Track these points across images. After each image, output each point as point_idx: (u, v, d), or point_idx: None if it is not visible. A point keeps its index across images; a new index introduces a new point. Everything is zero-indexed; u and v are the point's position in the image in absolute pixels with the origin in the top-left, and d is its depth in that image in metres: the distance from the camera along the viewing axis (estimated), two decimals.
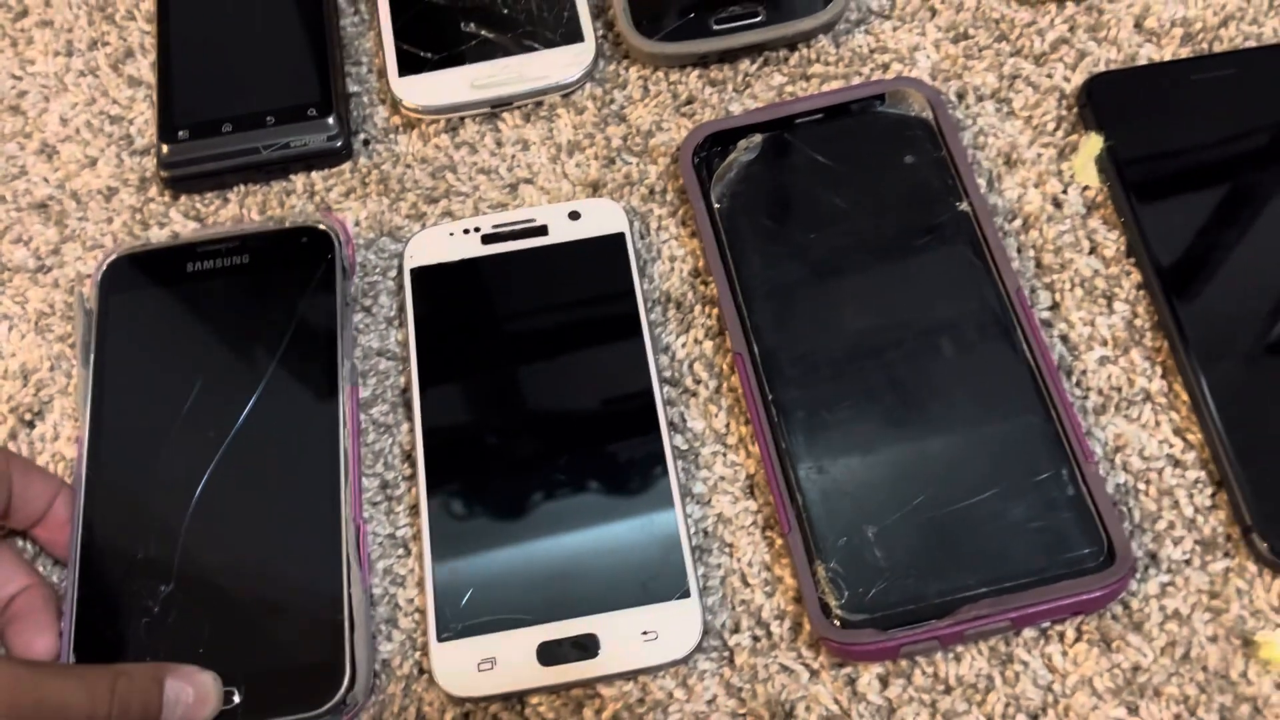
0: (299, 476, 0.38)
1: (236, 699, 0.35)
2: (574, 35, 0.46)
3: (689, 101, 0.45)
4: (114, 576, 0.37)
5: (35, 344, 0.43)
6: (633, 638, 0.35)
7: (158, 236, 0.44)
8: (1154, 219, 0.40)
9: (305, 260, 0.42)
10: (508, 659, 0.35)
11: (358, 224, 0.44)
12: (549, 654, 0.35)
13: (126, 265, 0.42)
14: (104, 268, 0.42)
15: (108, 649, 0.36)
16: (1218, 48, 0.44)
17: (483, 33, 0.46)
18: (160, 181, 0.45)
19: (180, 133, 0.45)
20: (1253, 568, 0.35)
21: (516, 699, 0.35)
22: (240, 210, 0.45)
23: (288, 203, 0.45)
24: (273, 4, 0.47)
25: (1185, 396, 0.38)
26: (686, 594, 0.35)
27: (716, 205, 0.42)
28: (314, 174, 0.45)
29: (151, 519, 0.37)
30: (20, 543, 0.39)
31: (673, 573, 0.36)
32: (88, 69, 0.48)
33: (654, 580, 0.36)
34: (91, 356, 0.40)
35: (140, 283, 0.42)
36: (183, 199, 0.45)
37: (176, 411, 0.39)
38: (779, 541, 0.37)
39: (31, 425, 0.41)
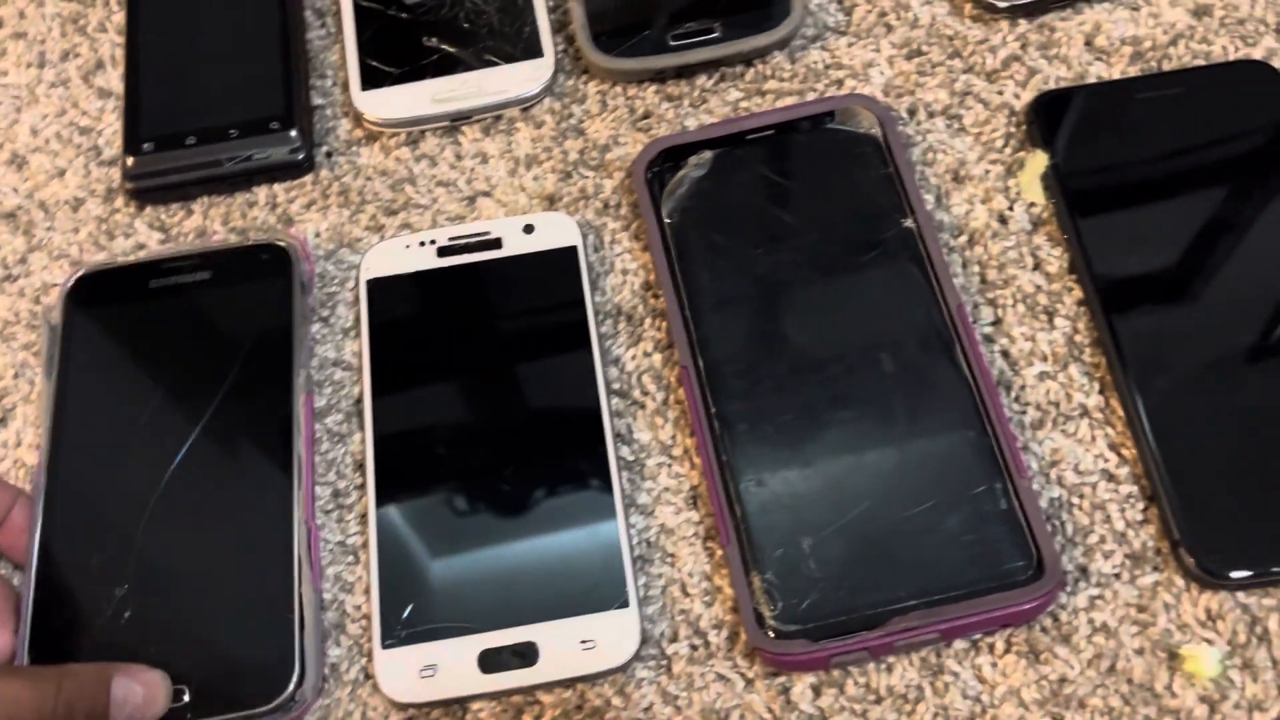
0: (253, 481, 0.39)
1: (186, 697, 0.35)
2: (534, 50, 0.47)
3: (645, 116, 0.46)
4: (70, 579, 0.38)
5: (0, 352, 0.44)
6: (572, 646, 0.36)
7: (123, 247, 0.45)
8: (1095, 236, 0.41)
9: (265, 275, 0.43)
10: (449, 666, 0.36)
11: (318, 235, 0.45)
12: (490, 662, 0.36)
13: (91, 281, 0.43)
14: (70, 284, 0.43)
15: (63, 650, 0.37)
16: (1166, 66, 0.44)
17: (444, 47, 0.47)
18: (125, 193, 0.46)
19: (145, 145, 0.45)
20: (1180, 582, 0.36)
21: (458, 705, 0.36)
22: (204, 221, 0.46)
23: (250, 214, 0.45)
24: (239, 19, 0.48)
25: (1121, 412, 0.38)
26: (625, 604, 0.36)
27: (668, 220, 0.42)
28: (276, 186, 0.46)
29: (108, 524, 0.38)
30: None
31: (613, 583, 0.37)
32: (59, 80, 0.49)
33: (594, 590, 0.37)
34: (55, 369, 0.41)
35: (104, 298, 0.43)
36: (148, 210, 0.46)
37: (136, 421, 0.40)
38: (719, 552, 0.38)
39: None
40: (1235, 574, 0.35)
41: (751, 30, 0.46)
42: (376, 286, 0.42)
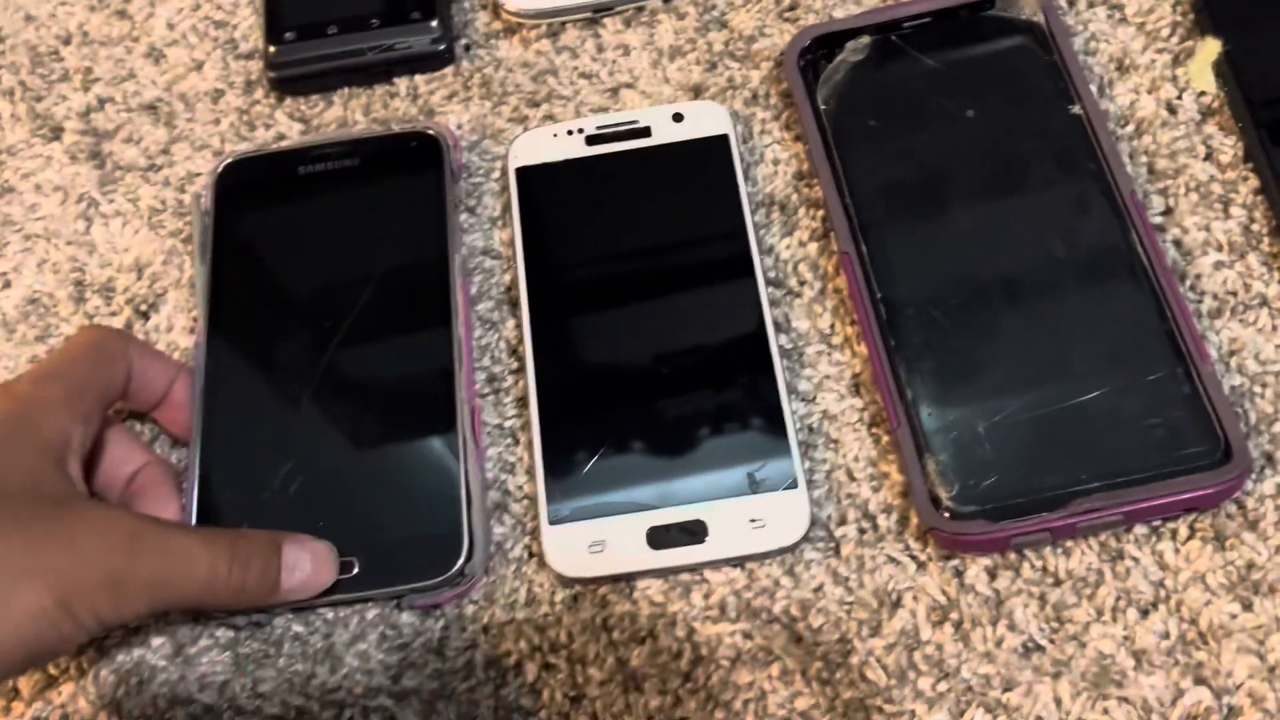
0: (415, 361, 0.39)
1: (356, 569, 0.35)
2: None
3: (792, 7, 0.45)
4: (234, 454, 0.38)
5: (148, 239, 0.44)
6: (741, 525, 0.35)
7: (264, 138, 0.45)
8: (1273, 124, 0.39)
9: (414, 163, 0.42)
10: (618, 542, 0.35)
11: (459, 127, 0.44)
12: (658, 538, 0.35)
13: (241, 167, 0.43)
14: (220, 169, 0.43)
15: (228, 523, 0.37)
16: None
17: None
18: (267, 82, 0.45)
19: (287, 34, 0.45)
20: None
21: (625, 581, 0.36)
22: (344, 113, 0.45)
23: (391, 105, 0.45)
24: None
25: None
26: (794, 485, 0.36)
27: (823, 107, 0.41)
28: (417, 77, 0.45)
29: (270, 402, 0.38)
30: (138, 426, 0.40)
31: (780, 465, 0.36)
32: None
33: (762, 472, 0.36)
34: (208, 253, 0.41)
35: (254, 184, 0.43)
36: (288, 101, 0.46)
37: (291, 303, 0.40)
38: (885, 439, 0.37)
39: (146, 316, 0.42)
40: None
41: None
42: (526, 174, 0.42)
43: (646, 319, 0.39)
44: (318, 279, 0.40)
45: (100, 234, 0.44)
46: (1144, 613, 0.34)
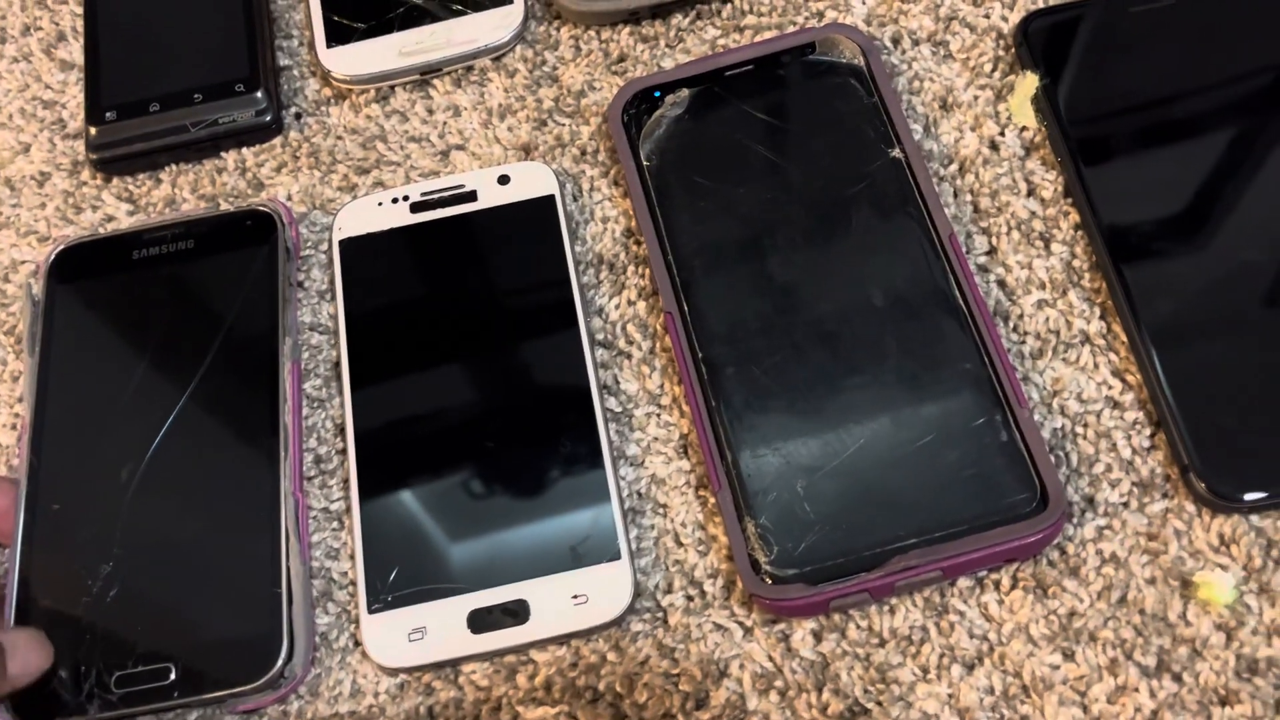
0: (239, 452, 0.38)
1: (173, 675, 0.34)
2: None
3: (621, 59, 0.45)
4: (55, 558, 0.37)
5: None
6: (563, 602, 0.35)
7: (91, 220, 0.44)
8: (1091, 158, 0.39)
9: (249, 243, 0.41)
10: (439, 628, 0.35)
11: (290, 198, 0.44)
12: (479, 621, 0.35)
13: (73, 254, 0.42)
14: (51, 258, 0.42)
15: (48, 628, 0.36)
16: None
17: None
18: (91, 164, 0.45)
19: (108, 114, 0.44)
20: (1191, 508, 0.34)
21: (450, 667, 0.35)
22: (173, 190, 0.44)
23: (220, 180, 0.44)
24: None
25: (1124, 337, 0.37)
26: (617, 556, 0.35)
27: (646, 163, 0.41)
28: (245, 149, 0.45)
29: (93, 500, 0.37)
30: None
31: (603, 536, 0.35)
32: (20, 55, 0.48)
33: (584, 544, 0.35)
34: (37, 345, 0.40)
35: (87, 272, 0.42)
36: (115, 181, 0.45)
37: (121, 395, 0.39)
38: (712, 500, 0.36)
39: None
40: (1247, 496, 0.34)
41: None
42: (350, 246, 0.41)
43: (469, 392, 0.39)
44: (148, 368, 0.39)
45: None
46: (969, 668, 0.33)
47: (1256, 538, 0.34)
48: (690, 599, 0.35)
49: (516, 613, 0.35)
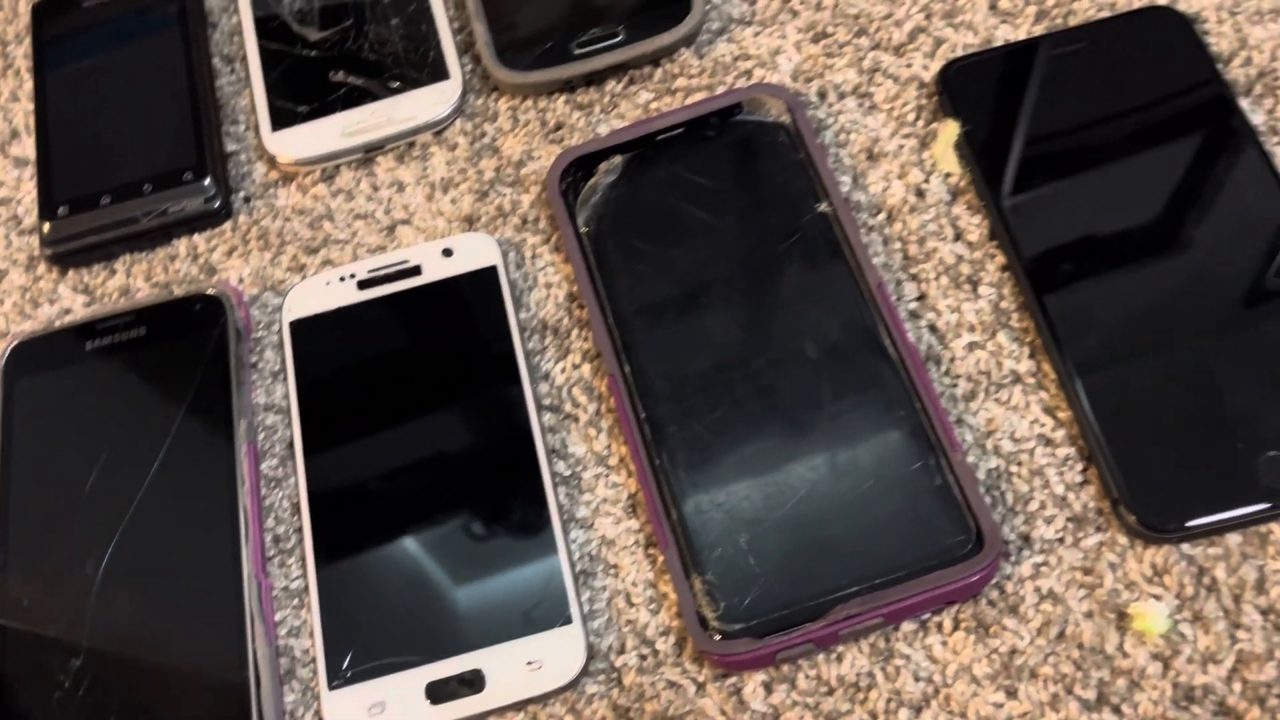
0: (201, 539, 0.39)
1: None
2: (440, 73, 0.46)
3: (558, 128, 0.46)
4: (24, 656, 0.38)
5: None
6: (518, 669, 0.35)
7: (49, 314, 0.45)
8: (1013, 200, 0.40)
9: (200, 327, 0.42)
10: (397, 701, 0.35)
11: (241, 281, 0.45)
12: (438, 693, 0.35)
13: (27, 349, 0.43)
14: (6, 354, 0.43)
15: None
16: (1072, 21, 0.44)
17: (350, 80, 0.47)
18: (46, 259, 0.46)
19: (60, 209, 0.45)
20: (1124, 540, 0.35)
21: None
22: (127, 280, 0.45)
23: (173, 267, 0.45)
24: (146, 74, 0.48)
25: (1053, 375, 0.38)
26: (568, 621, 0.36)
27: (584, 229, 0.42)
28: (196, 236, 0.46)
29: (60, 597, 0.38)
30: None
31: (555, 601, 0.36)
32: None
33: (536, 610, 0.36)
34: None
35: (42, 365, 0.43)
36: (70, 274, 0.46)
37: (81, 488, 0.40)
38: (661, 559, 0.37)
39: None
40: (1178, 526, 0.35)
41: (655, 30, 0.45)
42: (300, 327, 0.42)
43: (421, 465, 0.39)
44: (107, 458, 0.40)
45: None
46: (916, 710, 0.34)
47: (1188, 566, 0.35)
48: (643, 658, 0.36)
49: (473, 682, 0.35)
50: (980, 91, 0.42)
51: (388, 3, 0.48)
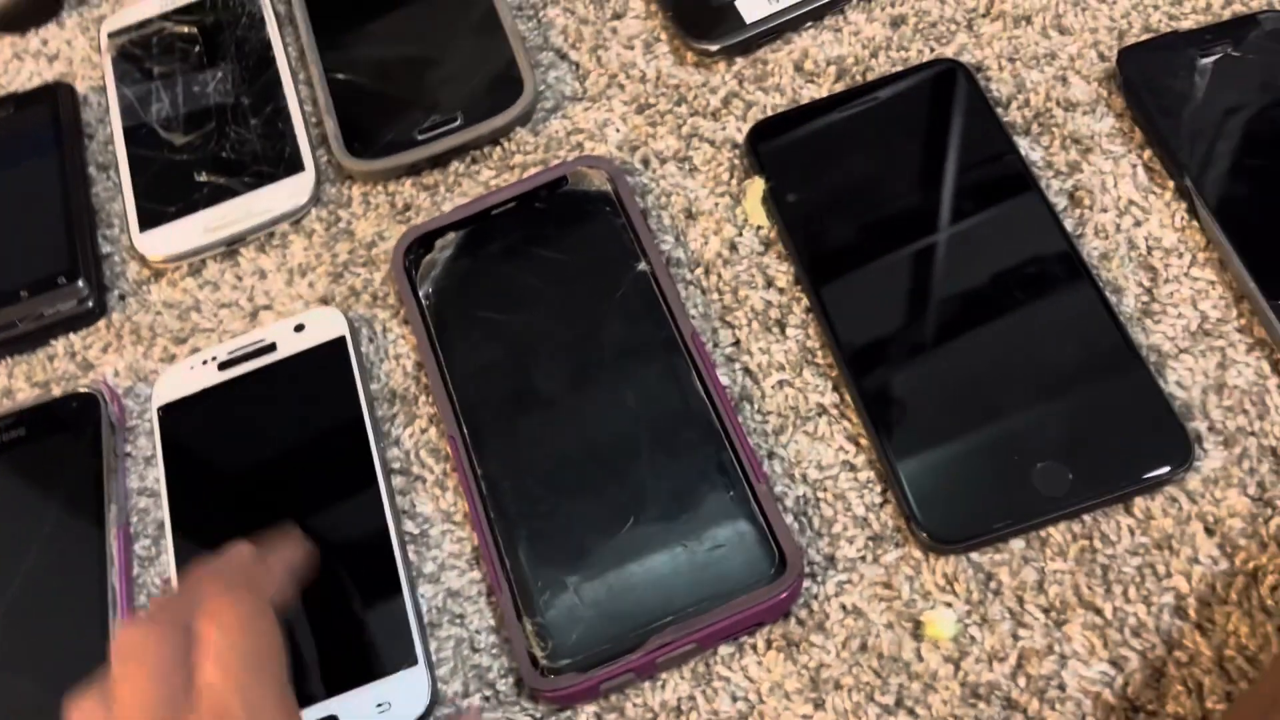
0: (70, 621, 0.41)
1: None
2: (296, 166, 0.50)
3: (406, 209, 0.49)
4: None
5: None
6: (369, 711, 0.38)
7: None
8: (812, 247, 0.44)
9: (77, 423, 0.45)
10: None
11: (117, 374, 0.48)
12: None
13: None
14: None
15: None
16: (870, 77, 0.48)
17: (213, 179, 0.50)
18: None
19: None
20: (918, 554, 0.38)
21: None
22: (9, 381, 0.48)
23: (51, 366, 0.48)
24: (22, 186, 0.51)
25: (853, 405, 0.41)
26: (414, 663, 0.38)
27: (426, 301, 0.45)
28: (73, 335, 0.49)
29: None
30: None
31: (402, 646, 0.39)
32: None
33: (385, 655, 0.39)
34: None
35: None
36: None
37: None
38: (499, 606, 0.40)
39: None
40: (964, 537, 0.37)
41: (492, 112, 0.49)
42: (167, 412, 0.45)
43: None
44: None
45: None
46: None
47: (975, 573, 0.37)
48: (487, 699, 0.39)
49: None
50: (781, 148, 0.46)
51: (246, 105, 0.52)
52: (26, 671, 0.41)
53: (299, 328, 0.46)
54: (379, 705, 0.38)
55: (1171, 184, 0.43)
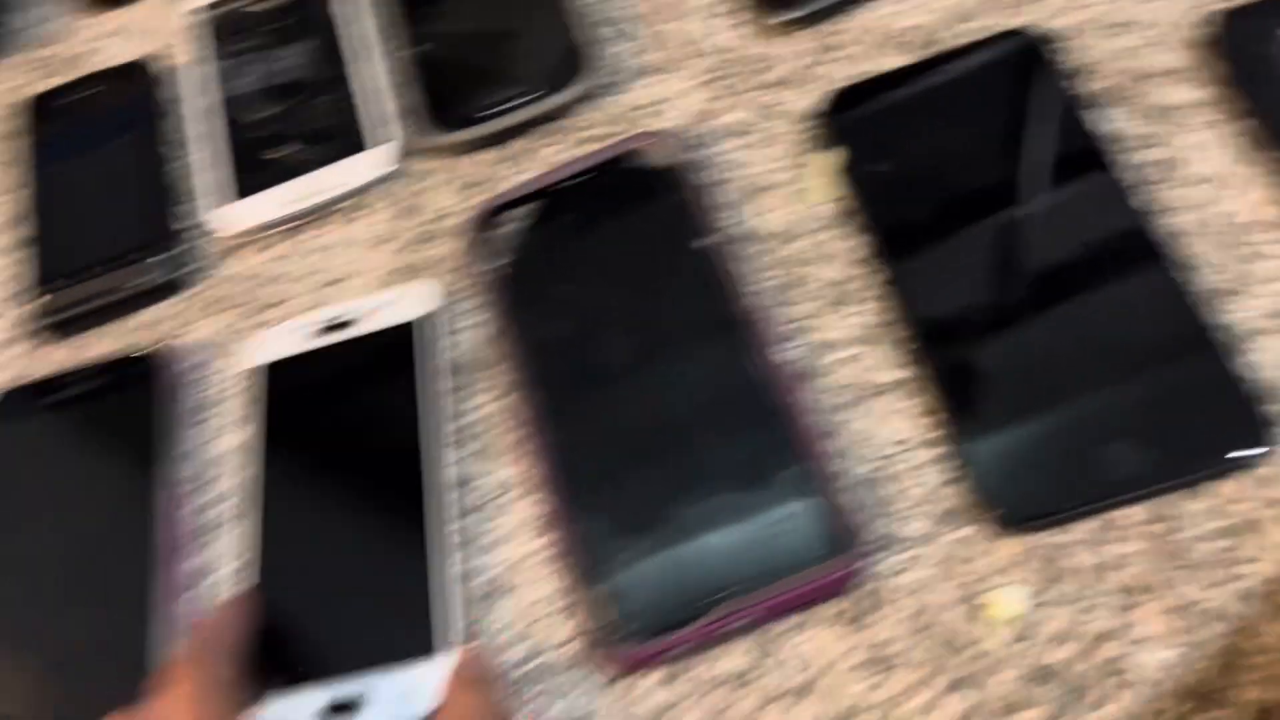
0: (116, 572, 0.43)
1: None
2: (372, 139, 0.51)
3: (481, 182, 0.50)
4: None
5: None
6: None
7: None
8: (883, 220, 0.43)
9: (143, 382, 0.47)
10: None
11: (196, 346, 0.49)
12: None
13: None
14: None
15: None
16: (947, 47, 0.47)
17: (291, 152, 0.51)
18: (35, 332, 0.51)
19: (43, 287, 0.50)
20: (985, 533, 0.38)
21: None
22: (99, 347, 0.50)
23: (134, 337, 0.50)
24: (104, 159, 0.53)
25: (923, 383, 0.41)
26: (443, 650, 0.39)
27: (500, 273, 0.46)
28: (155, 307, 0.50)
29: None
30: None
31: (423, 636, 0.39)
32: None
33: (411, 639, 0.39)
34: None
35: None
36: (55, 344, 0.51)
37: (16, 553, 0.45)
38: (566, 573, 0.41)
39: None
40: (1031, 519, 0.37)
41: (563, 86, 0.49)
42: (263, 373, 0.46)
43: (321, 501, 0.43)
44: (54, 506, 0.45)
45: None
46: (795, 698, 0.37)
47: (1044, 554, 0.37)
48: (547, 665, 0.39)
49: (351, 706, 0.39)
50: (855, 120, 0.46)
51: (325, 79, 0.53)
52: (74, 620, 0.43)
53: (385, 302, 0.47)
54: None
55: (1269, 155, 0.42)
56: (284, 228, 0.50)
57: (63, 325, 0.50)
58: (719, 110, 0.48)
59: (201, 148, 0.53)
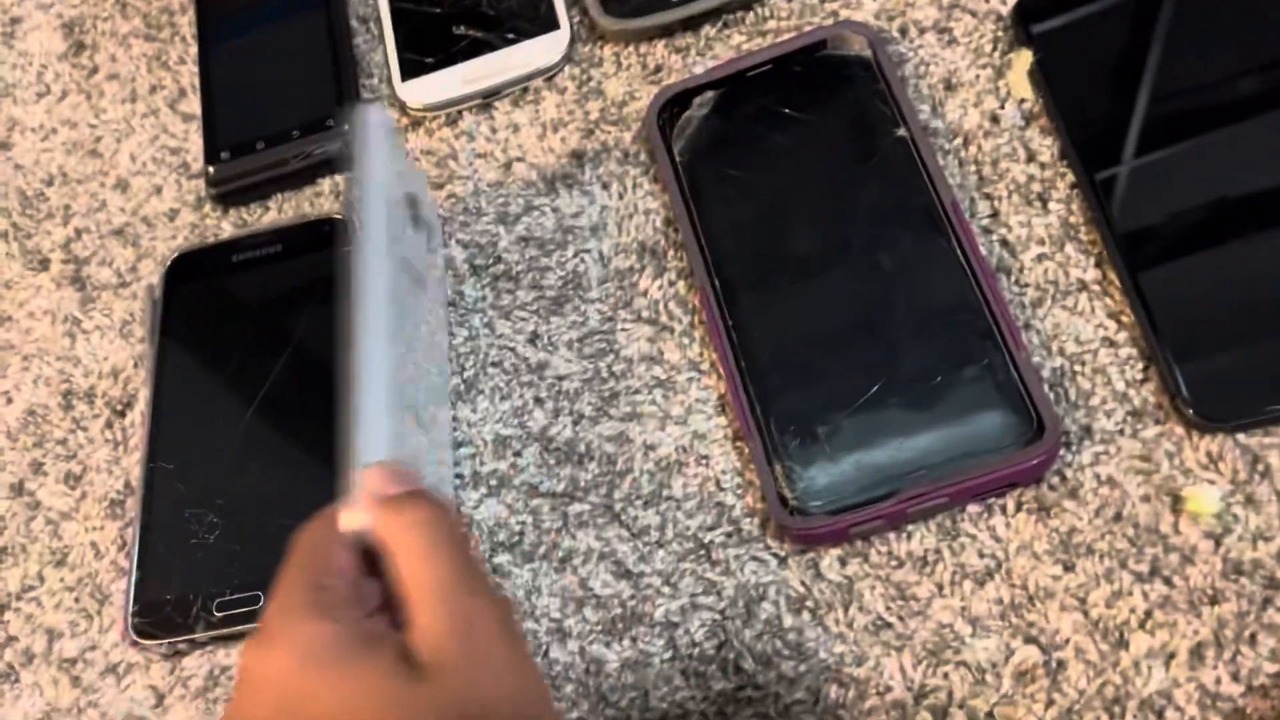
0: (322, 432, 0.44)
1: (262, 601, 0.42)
2: (550, 24, 0.51)
3: (657, 70, 0.50)
4: (169, 508, 0.45)
5: (121, 347, 0.50)
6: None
7: None
8: (1082, 122, 0.43)
9: (324, 244, 0.49)
10: None
11: None
12: None
13: (186, 260, 0.51)
14: (168, 264, 0.51)
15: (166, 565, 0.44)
16: None
17: (471, 33, 0.52)
18: (211, 199, 0.52)
19: (222, 154, 0.52)
20: (1180, 430, 0.38)
21: None
22: (279, 215, 0.51)
23: (317, 203, 0.51)
24: (293, 36, 0.54)
25: (1118, 283, 0.40)
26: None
27: (679, 159, 0.46)
28: (338, 176, 0.52)
29: (204, 462, 0.46)
30: None
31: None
32: (149, 110, 0.56)
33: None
34: (157, 336, 0.49)
35: (197, 273, 0.50)
36: (231, 212, 0.52)
37: (223, 376, 0.47)
38: (747, 450, 0.41)
39: (122, 414, 0.49)
40: (1232, 417, 0.37)
41: None
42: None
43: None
44: (245, 353, 0.48)
45: (83, 348, 0.51)
46: (979, 583, 0.37)
47: (1242, 454, 0.37)
48: (729, 535, 0.40)
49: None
50: (1051, 22, 0.45)
51: None
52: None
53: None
54: None
55: None
56: (463, 105, 0.51)
57: (244, 192, 0.52)
58: (911, 5, 0.48)
59: (385, 24, 0.53)
